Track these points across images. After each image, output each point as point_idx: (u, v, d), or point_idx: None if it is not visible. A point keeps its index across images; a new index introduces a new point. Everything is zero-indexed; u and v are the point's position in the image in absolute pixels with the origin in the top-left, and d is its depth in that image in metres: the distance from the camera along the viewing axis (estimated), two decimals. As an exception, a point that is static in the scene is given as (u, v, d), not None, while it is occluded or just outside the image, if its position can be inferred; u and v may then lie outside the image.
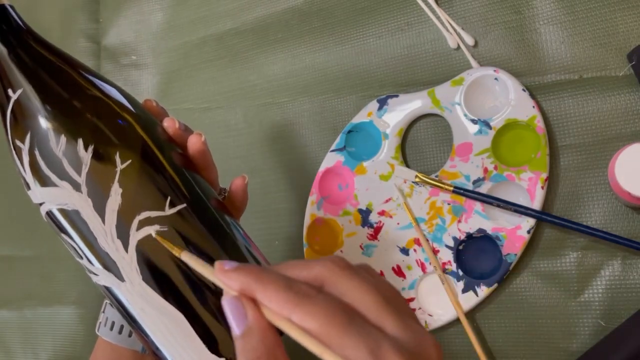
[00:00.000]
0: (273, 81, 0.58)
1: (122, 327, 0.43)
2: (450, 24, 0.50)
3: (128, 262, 0.33)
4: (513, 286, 0.47)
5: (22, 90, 0.33)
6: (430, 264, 0.48)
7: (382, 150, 0.51)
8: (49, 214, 0.35)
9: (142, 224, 0.33)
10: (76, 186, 0.33)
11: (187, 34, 0.64)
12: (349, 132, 0.53)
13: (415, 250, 0.49)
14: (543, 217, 0.44)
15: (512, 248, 0.45)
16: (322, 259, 0.27)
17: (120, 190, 0.33)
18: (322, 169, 0.54)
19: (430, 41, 0.51)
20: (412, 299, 0.49)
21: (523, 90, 0.46)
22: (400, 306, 0.26)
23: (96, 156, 0.33)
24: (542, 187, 0.45)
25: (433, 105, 0.49)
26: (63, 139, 0.33)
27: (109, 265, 0.34)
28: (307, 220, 0.54)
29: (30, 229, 0.72)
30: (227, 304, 0.26)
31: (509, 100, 0.46)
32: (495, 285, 0.46)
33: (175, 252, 0.32)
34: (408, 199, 0.50)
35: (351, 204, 0.52)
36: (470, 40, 0.49)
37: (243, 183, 0.41)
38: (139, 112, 0.36)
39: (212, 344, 0.33)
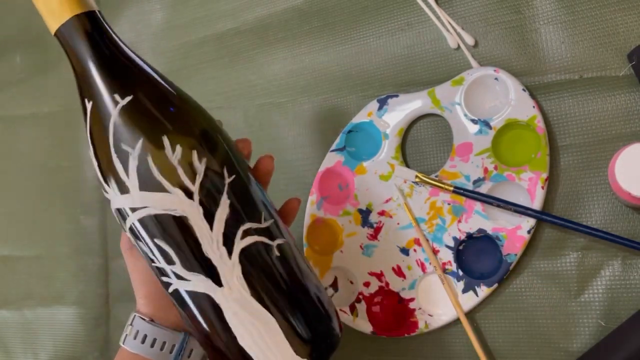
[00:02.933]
0: (273, 81, 0.58)
1: (154, 340, 0.42)
2: (451, 24, 0.50)
3: (230, 268, 0.35)
4: (513, 286, 0.47)
5: (132, 97, 0.35)
6: (430, 264, 0.48)
7: (382, 150, 0.51)
8: (145, 219, 0.35)
9: (246, 233, 0.36)
10: (189, 194, 0.35)
11: (187, 34, 0.64)
12: (349, 132, 0.53)
13: (415, 250, 0.49)
14: (543, 217, 0.44)
15: (512, 248, 0.45)
16: None
17: (228, 202, 0.36)
18: (322, 169, 0.54)
19: (431, 41, 0.51)
20: (412, 299, 0.49)
21: (523, 90, 0.46)
22: None
23: (208, 168, 0.35)
24: (542, 187, 0.45)
25: (433, 105, 0.49)
26: (179, 148, 0.35)
27: (208, 271, 0.35)
28: (307, 220, 0.54)
29: (30, 229, 0.72)
30: None
31: (509, 100, 0.46)
32: (496, 285, 0.46)
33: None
34: (408, 199, 0.50)
35: (351, 204, 0.52)
36: (470, 40, 0.49)
37: (297, 206, 0.44)
38: (223, 132, 0.39)
39: (298, 346, 0.36)
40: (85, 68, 0.35)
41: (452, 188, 0.47)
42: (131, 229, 0.36)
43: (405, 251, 0.49)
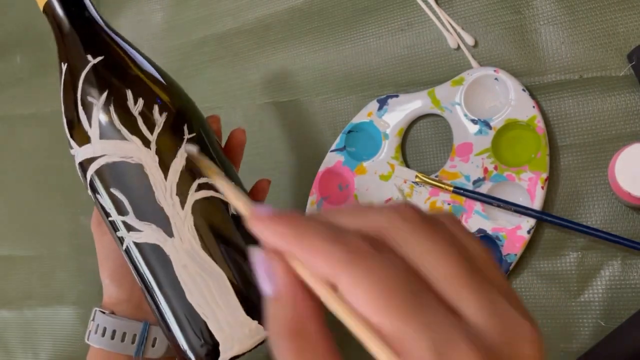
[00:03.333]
0: (273, 81, 0.58)
1: (114, 332, 0.43)
2: (451, 24, 0.50)
3: (182, 218, 0.36)
4: (513, 286, 0.47)
5: (103, 57, 0.38)
6: (430, 264, 0.48)
7: (382, 151, 0.51)
8: (103, 168, 0.37)
9: (201, 187, 0.37)
10: (146, 143, 0.36)
11: (187, 34, 0.64)
12: (349, 132, 0.53)
13: (415, 250, 0.49)
14: (543, 217, 0.44)
15: (512, 248, 0.45)
16: (385, 206, 0.20)
17: (185, 155, 0.37)
18: (322, 169, 0.54)
19: (431, 41, 0.51)
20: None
21: (523, 90, 0.46)
22: (492, 278, 0.19)
23: (168, 122, 0.37)
24: (542, 187, 0.45)
25: (433, 105, 0.49)
26: (141, 101, 0.37)
27: (160, 221, 0.36)
28: (307, 220, 0.53)
29: (30, 229, 0.72)
30: (256, 262, 0.21)
31: (509, 100, 0.46)
32: (495, 285, 0.46)
33: (209, 173, 0.35)
34: (408, 199, 0.50)
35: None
36: (470, 40, 0.49)
37: (267, 186, 0.45)
38: (194, 103, 0.42)
39: (248, 305, 0.36)
40: (64, 33, 0.39)
41: (452, 188, 0.47)
42: (91, 184, 0.38)
43: (405, 251, 0.49)
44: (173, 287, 0.36)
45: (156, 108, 0.37)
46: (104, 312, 0.43)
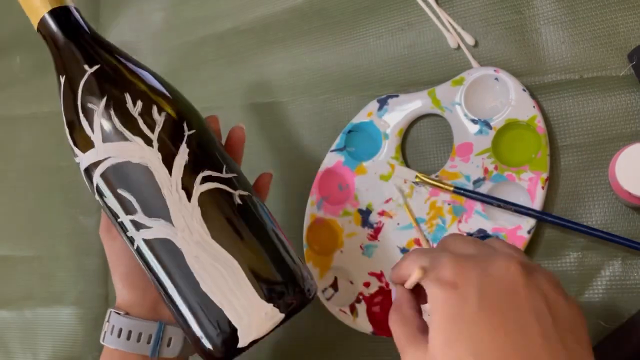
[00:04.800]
0: (273, 81, 0.58)
1: (130, 332, 0.43)
2: (451, 24, 0.50)
3: (190, 211, 0.37)
4: (513, 286, 0.46)
5: (99, 65, 0.39)
6: (430, 264, 0.48)
7: (382, 151, 0.51)
8: (108, 171, 0.38)
9: (205, 179, 0.38)
10: (148, 142, 0.38)
11: (187, 34, 0.64)
12: (349, 132, 0.53)
13: (415, 250, 0.49)
14: (543, 218, 0.44)
15: (512, 248, 0.45)
16: (499, 258, 0.32)
17: (187, 150, 0.38)
18: (322, 169, 0.54)
19: (431, 41, 0.51)
20: (412, 299, 0.49)
21: (523, 90, 0.46)
22: (571, 344, 0.29)
23: (168, 121, 0.39)
24: (543, 187, 0.45)
25: (433, 105, 0.49)
26: (140, 102, 0.38)
27: (168, 215, 0.37)
28: (307, 221, 0.53)
29: (30, 229, 0.71)
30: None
31: (510, 100, 0.46)
32: (496, 285, 0.46)
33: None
34: (408, 199, 0.50)
35: (351, 204, 0.52)
36: (470, 40, 0.49)
37: (269, 180, 0.46)
38: (191, 104, 0.43)
39: (262, 290, 0.37)
40: (60, 50, 0.40)
41: (452, 188, 0.47)
42: (97, 188, 0.39)
43: (405, 251, 0.49)
44: (187, 279, 0.37)
45: (155, 108, 0.39)
46: (119, 313, 0.44)
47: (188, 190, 0.37)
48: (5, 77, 0.75)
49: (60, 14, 0.41)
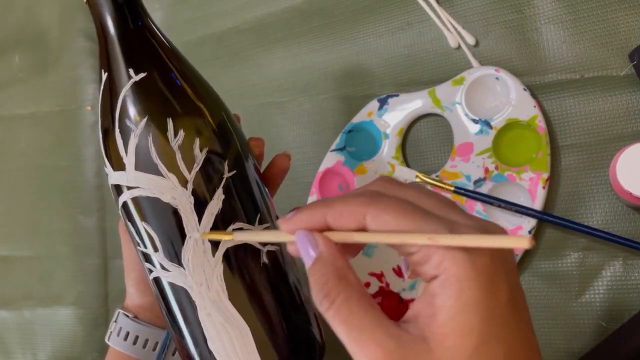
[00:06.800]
0: (273, 81, 0.58)
1: (136, 337, 0.42)
2: (451, 23, 0.50)
3: (212, 266, 0.34)
4: (514, 287, 0.46)
5: (146, 74, 0.34)
6: (430, 264, 0.48)
7: (382, 150, 0.51)
8: (137, 200, 0.35)
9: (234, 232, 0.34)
10: (183, 182, 0.34)
11: (187, 34, 0.63)
12: (349, 132, 0.53)
13: (415, 250, 0.49)
14: (544, 218, 0.44)
15: (513, 248, 0.45)
16: (370, 183, 0.28)
17: (223, 197, 0.34)
18: (322, 169, 0.53)
19: (431, 40, 0.51)
20: (412, 300, 0.49)
21: (524, 89, 0.46)
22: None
23: (208, 159, 0.34)
24: (543, 187, 0.45)
25: (434, 105, 0.49)
26: (182, 133, 0.34)
27: (189, 266, 0.34)
28: (307, 221, 0.53)
29: (30, 229, 0.71)
30: (298, 238, 0.27)
31: (510, 99, 0.46)
32: (496, 285, 0.46)
33: (227, 236, 0.33)
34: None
35: (351, 204, 0.52)
36: (471, 40, 0.49)
37: (287, 163, 0.42)
38: (237, 127, 0.39)
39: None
40: (107, 38, 0.35)
41: (452, 188, 0.47)
42: (123, 207, 0.36)
43: (405, 251, 0.49)
44: (196, 332, 0.35)
45: (197, 142, 0.34)
46: (127, 315, 0.43)
47: (215, 243, 0.34)
48: (4, 77, 0.75)
49: None
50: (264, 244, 0.35)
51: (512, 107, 0.46)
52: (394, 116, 0.51)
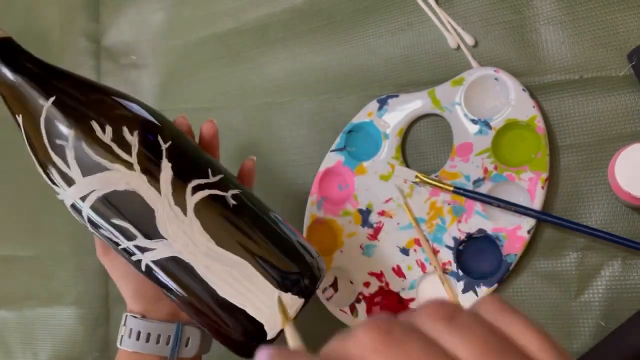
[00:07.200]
0: (273, 81, 0.58)
1: (148, 334, 0.43)
2: (451, 24, 0.50)
3: (189, 224, 0.37)
4: (513, 286, 0.47)
5: (54, 97, 0.37)
6: (430, 264, 0.48)
7: (382, 150, 0.51)
8: (97, 202, 0.37)
9: (195, 189, 0.37)
10: (129, 166, 0.37)
11: (187, 34, 0.64)
12: (349, 132, 0.53)
13: (415, 250, 0.49)
14: (543, 217, 0.44)
15: (512, 248, 0.45)
16: (358, 328, 0.19)
17: (170, 164, 0.37)
18: (322, 169, 0.54)
19: (431, 41, 0.51)
20: (412, 299, 0.49)
21: (523, 90, 0.46)
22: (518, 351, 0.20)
23: (142, 139, 0.37)
24: (543, 187, 0.45)
25: (433, 105, 0.49)
26: (109, 128, 0.37)
27: (168, 234, 0.37)
28: (307, 221, 0.53)
29: (30, 229, 0.71)
30: None
31: (509, 100, 0.46)
32: (496, 285, 0.46)
33: (284, 322, 0.36)
34: (408, 199, 0.50)
35: (351, 204, 0.52)
36: (470, 40, 0.49)
37: (252, 165, 0.45)
38: (155, 110, 0.41)
39: (277, 281, 0.37)
40: (10, 88, 0.38)
41: (452, 188, 0.47)
42: (89, 220, 0.38)
43: (405, 251, 0.49)
44: (203, 289, 0.37)
45: (125, 129, 0.37)
46: (135, 317, 0.44)
47: (181, 204, 0.37)
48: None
49: (3, 46, 0.38)
50: (227, 190, 0.39)
51: (512, 108, 0.46)
52: (394, 116, 0.51)
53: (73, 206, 0.38)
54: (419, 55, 0.52)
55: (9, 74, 0.38)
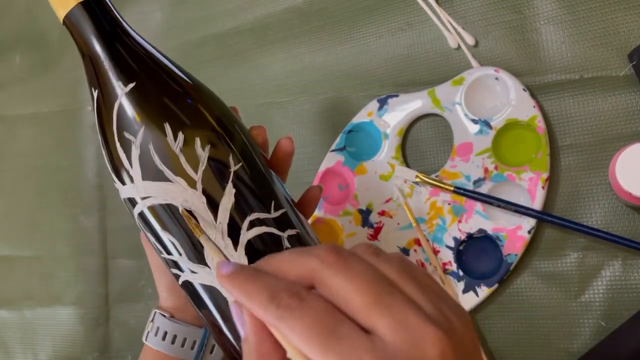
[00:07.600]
0: (273, 81, 0.58)
1: (174, 337, 0.42)
2: (451, 24, 0.50)
3: (236, 259, 0.34)
4: (514, 286, 0.46)
5: (135, 83, 0.34)
6: (430, 264, 0.48)
7: (382, 150, 0.51)
8: (151, 208, 0.35)
9: (252, 224, 0.34)
10: (191, 183, 0.34)
11: (187, 34, 0.64)
12: (349, 132, 0.53)
13: (415, 250, 0.49)
14: (544, 217, 0.44)
15: (512, 248, 0.45)
16: (317, 248, 0.25)
17: (234, 191, 0.34)
18: (322, 169, 0.53)
19: (431, 41, 0.51)
20: (412, 299, 0.49)
21: (524, 90, 0.46)
22: (408, 288, 0.24)
23: (212, 156, 0.34)
24: (543, 187, 0.45)
25: (433, 105, 0.49)
26: (181, 136, 0.34)
27: (213, 265, 0.34)
28: (307, 221, 0.53)
29: (30, 229, 0.71)
30: (232, 309, 0.26)
31: (510, 100, 0.46)
32: (496, 285, 0.46)
33: (197, 233, 0.32)
34: (408, 199, 0.50)
35: (351, 204, 0.52)
36: (470, 40, 0.49)
37: (319, 194, 0.42)
38: (237, 119, 0.39)
39: None
40: (91, 56, 0.35)
41: (452, 188, 0.47)
42: (140, 218, 0.36)
43: (405, 251, 0.49)
44: (233, 325, 0.34)
45: (198, 141, 0.34)
46: (164, 315, 0.43)
47: (234, 238, 0.34)
48: (5, 77, 0.75)
49: (95, 5, 0.34)
50: (284, 229, 0.35)
51: (512, 108, 0.46)
52: (394, 116, 0.51)
53: (126, 200, 0.36)
54: (419, 55, 0.52)
55: (92, 42, 0.34)
